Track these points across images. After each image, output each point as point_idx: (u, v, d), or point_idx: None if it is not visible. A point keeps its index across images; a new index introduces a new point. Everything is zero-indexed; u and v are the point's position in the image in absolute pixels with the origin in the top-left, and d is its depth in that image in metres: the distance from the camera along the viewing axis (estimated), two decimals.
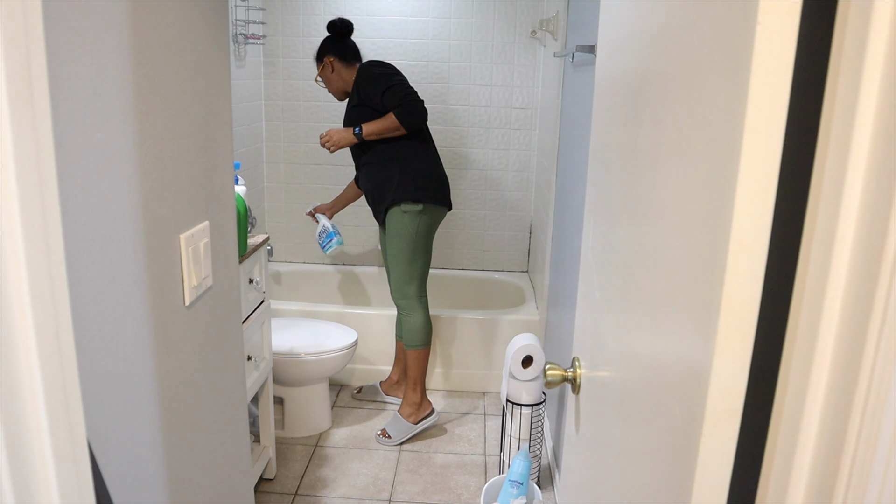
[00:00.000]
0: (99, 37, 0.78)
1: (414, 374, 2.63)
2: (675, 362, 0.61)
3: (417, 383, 2.63)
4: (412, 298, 2.58)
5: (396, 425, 2.60)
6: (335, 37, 2.56)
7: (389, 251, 2.56)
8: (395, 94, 2.40)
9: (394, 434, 2.58)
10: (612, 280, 0.88)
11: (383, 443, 2.57)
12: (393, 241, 2.53)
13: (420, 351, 2.61)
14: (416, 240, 2.52)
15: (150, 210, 0.92)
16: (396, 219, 2.51)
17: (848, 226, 0.45)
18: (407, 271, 2.55)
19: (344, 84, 2.57)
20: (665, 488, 0.62)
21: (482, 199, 3.49)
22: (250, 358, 2.01)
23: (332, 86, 2.59)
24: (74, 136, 0.74)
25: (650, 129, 0.72)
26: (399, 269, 2.55)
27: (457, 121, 3.38)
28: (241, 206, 1.85)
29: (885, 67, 0.42)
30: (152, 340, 0.95)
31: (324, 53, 2.55)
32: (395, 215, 2.51)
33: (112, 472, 0.86)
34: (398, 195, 2.48)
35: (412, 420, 2.61)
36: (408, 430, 2.60)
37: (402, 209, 2.49)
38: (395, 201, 2.49)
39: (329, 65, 2.54)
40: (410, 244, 2.52)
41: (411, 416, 2.61)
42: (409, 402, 2.63)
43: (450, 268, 3.58)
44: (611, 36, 0.93)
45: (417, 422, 2.62)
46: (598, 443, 0.93)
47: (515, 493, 1.97)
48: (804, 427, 0.49)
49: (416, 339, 2.60)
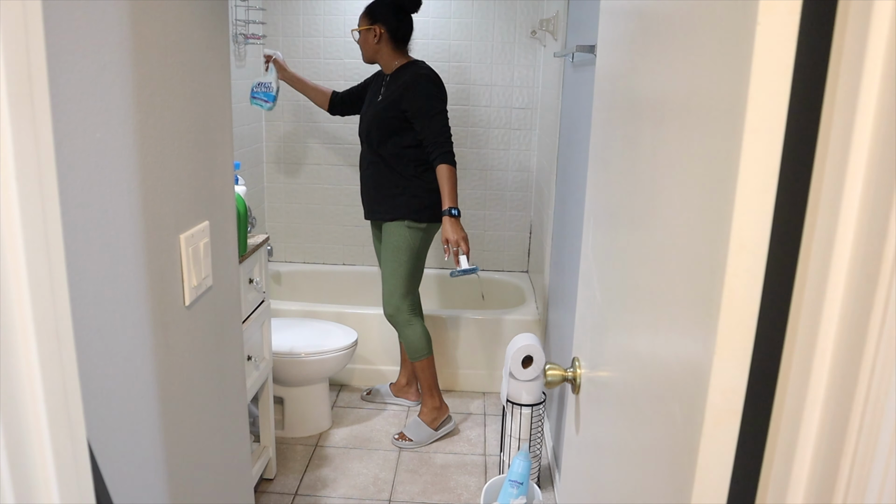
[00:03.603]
0: (99, 37, 0.78)
1: (427, 383, 2.62)
2: (675, 362, 0.61)
3: (433, 389, 2.62)
4: (406, 313, 2.54)
5: (418, 430, 2.59)
6: (398, 8, 2.37)
7: (388, 263, 2.51)
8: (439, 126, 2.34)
9: (416, 439, 2.56)
10: (612, 280, 0.88)
11: (402, 445, 2.55)
12: (393, 254, 2.49)
13: (426, 360, 2.59)
14: (418, 254, 2.50)
15: (150, 210, 0.92)
16: (399, 232, 2.47)
17: (848, 226, 0.45)
18: (405, 285, 2.51)
19: (379, 59, 2.42)
20: (665, 488, 0.62)
21: (482, 199, 3.49)
22: (250, 358, 2.01)
23: (367, 50, 2.41)
24: (74, 136, 0.74)
25: (650, 128, 0.72)
26: (396, 282, 2.51)
27: (457, 120, 3.38)
28: (241, 206, 1.85)
29: (885, 67, 0.42)
30: (152, 340, 0.95)
31: (378, 18, 2.36)
32: (399, 229, 2.47)
33: (112, 472, 0.86)
34: (405, 212, 2.44)
35: (434, 426, 2.60)
36: (430, 436, 2.59)
37: (406, 224, 2.46)
38: (401, 216, 2.45)
39: (377, 34, 2.36)
40: (412, 258, 2.49)
41: (434, 421, 2.61)
42: (429, 406, 2.62)
43: (450, 268, 3.58)
44: (610, 36, 0.93)
45: (438, 427, 2.62)
46: (598, 443, 0.93)
47: (515, 493, 1.97)
48: (804, 427, 0.49)
49: (419, 351, 2.58)
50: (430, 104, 2.35)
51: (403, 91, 2.36)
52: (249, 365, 2.00)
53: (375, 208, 2.54)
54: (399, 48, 2.42)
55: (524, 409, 2.22)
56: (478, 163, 3.44)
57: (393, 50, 2.40)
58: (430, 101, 2.35)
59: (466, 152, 3.43)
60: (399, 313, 2.54)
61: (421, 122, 2.35)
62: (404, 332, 2.56)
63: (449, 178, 2.33)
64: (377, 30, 2.36)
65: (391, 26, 2.36)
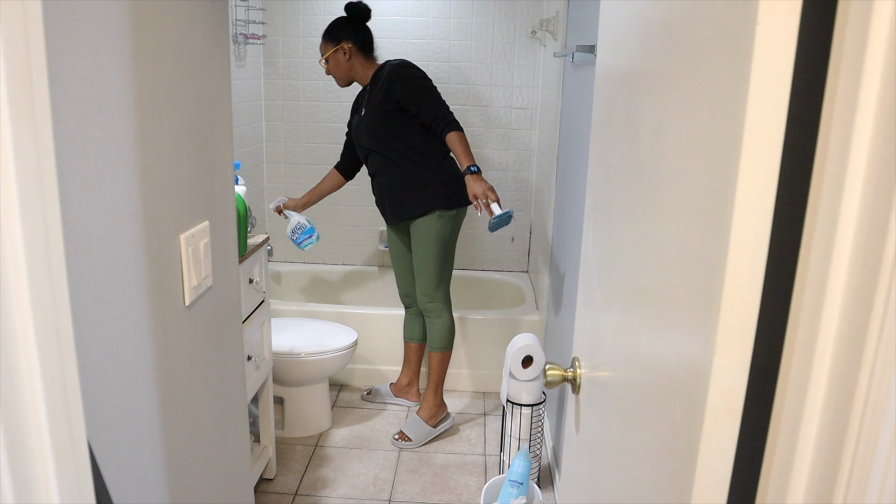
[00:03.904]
0: (99, 37, 0.78)
1: (436, 377, 2.62)
2: (676, 362, 0.61)
3: (438, 386, 2.63)
4: (440, 302, 2.56)
5: (416, 428, 2.58)
6: (353, 20, 2.43)
7: (420, 256, 2.51)
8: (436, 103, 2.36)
9: (414, 437, 2.56)
10: (612, 280, 0.88)
11: (401, 446, 2.55)
12: (425, 246, 2.49)
13: (445, 353, 2.61)
14: (449, 242, 2.51)
15: (150, 210, 0.92)
16: (430, 224, 2.46)
17: (848, 226, 0.45)
18: (438, 275, 2.52)
19: (354, 75, 2.46)
20: (665, 488, 0.62)
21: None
22: (250, 358, 2.01)
23: (339, 71, 2.45)
24: (74, 136, 0.74)
25: (650, 129, 0.72)
26: (429, 274, 2.51)
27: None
28: (241, 206, 1.85)
29: (885, 67, 0.42)
30: (152, 340, 0.95)
31: (341, 36, 2.40)
32: (430, 220, 2.46)
33: (112, 472, 0.86)
34: (434, 202, 2.44)
35: (432, 423, 2.60)
36: (428, 433, 2.59)
37: (437, 214, 2.46)
38: (431, 208, 2.44)
39: (346, 51, 2.40)
40: (443, 247, 2.50)
41: (431, 419, 2.61)
42: (428, 404, 2.62)
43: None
44: (611, 36, 0.93)
45: (436, 425, 2.61)
46: (598, 443, 0.93)
47: (515, 493, 1.97)
48: (804, 427, 0.49)
49: (442, 342, 2.59)
50: (419, 83, 2.39)
51: (388, 84, 2.38)
52: (249, 365, 2.00)
53: (401, 209, 2.50)
54: (369, 56, 2.48)
55: (524, 409, 2.22)
56: (478, 163, 3.43)
57: (364, 60, 2.46)
58: (418, 81, 2.39)
59: None
60: (433, 303, 2.56)
61: (417, 104, 2.37)
62: (433, 322, 2.58)
63: (460, 142, 2.34)
64: (344, 47, 2.42)
65: (356, 39, 2.43)
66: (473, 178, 2.28)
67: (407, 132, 2.41)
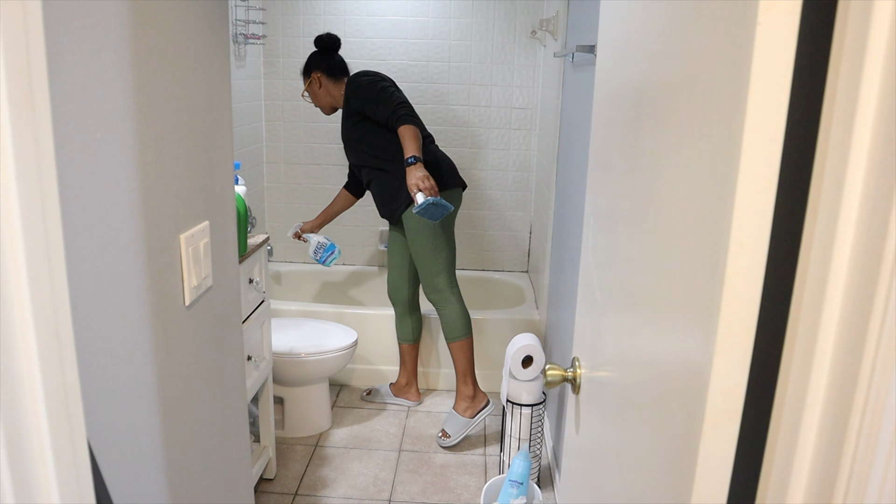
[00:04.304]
0: (99, 37, 0.78)
1: (462, 367, 2.59)
2: (676, 362, 0.61)
3: (467, 375, 2.59)
4: (444, 290, 2.56)
5: (453, 422, 2.57)
6: (322, 52, 2.58)
7: (413, 248, 2.55)
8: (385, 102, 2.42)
9: (452, 432, 2.54)
10: (612, 280, 0.88)
11: (444, 444, 2.53)
12: (415, 238, 2.53)
13: (463, 342, 2.58)
14: (436, 231, 2.52)
15: (150, 210, 0.92)
16: (415, 216, 2.50)
17: (848, 226, 0.45)
18: (433, 264, 2.54)
19: (332, 99, 2.60)
20: (665, 488, 0.62)
21: (482, 199, 3.49)
22: (250, 358, 2.01)
23: (319, 101, 2.62)
24: (74, 136, 0.74)
25: (650, 128, 0.72)
26: (425, 264, 2.55)
27: (457, 121, 3.38)
28: (241, 206, 1.85)
29: (885, 67, 0.42)
30: (152, 340, 0.95)
31: (311, 69, 2.58)
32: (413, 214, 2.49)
33: (112, 472, 0.86)
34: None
35: (468, 414, 2.57)
36: (465, 425, 2.56)
37: None
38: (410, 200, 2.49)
39: (317, 80, 2.57)
40: (431, 236, 2.52)
41: (467, 410, 2.58)
42: (462, 396, 2.60)
43: None
44: (610, 36, 0.93)
45: (474, 415, 2.58)
46: (598, 443, 0.93)
47: (515, 493, 1.97)
48: (804, 427, 0.49)
49: (456, 331, 2.58)
50: (368, 88, 2.46)
51: (347, 99, 2.53)
52: (249, 365, 2.00)
53: (392, 207, 2.59)
54: (339, 80, 2.59)
55: (524, 409, 2.22)
56: (478, 163, 3.44)
57: (334, 84, 2.59)
58: (368, 87, 2.47)
59: (466, 152, 3.43)
60: (436, 293, 2.57)
61: (372, 109, 2.44)
62: (443, 313, 2.58)
63: (407, 135, 2.37)
64: (315, 77, 2.58)
65: (324, 67, 2.57)
66: (409, 169, 2.34)
67: (376, 137, 2.51)
